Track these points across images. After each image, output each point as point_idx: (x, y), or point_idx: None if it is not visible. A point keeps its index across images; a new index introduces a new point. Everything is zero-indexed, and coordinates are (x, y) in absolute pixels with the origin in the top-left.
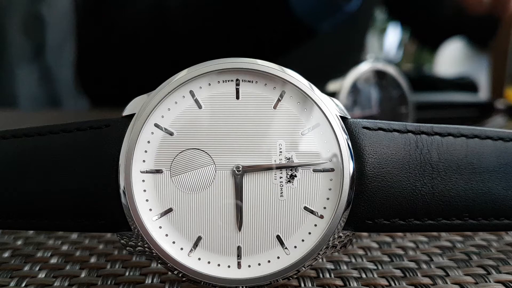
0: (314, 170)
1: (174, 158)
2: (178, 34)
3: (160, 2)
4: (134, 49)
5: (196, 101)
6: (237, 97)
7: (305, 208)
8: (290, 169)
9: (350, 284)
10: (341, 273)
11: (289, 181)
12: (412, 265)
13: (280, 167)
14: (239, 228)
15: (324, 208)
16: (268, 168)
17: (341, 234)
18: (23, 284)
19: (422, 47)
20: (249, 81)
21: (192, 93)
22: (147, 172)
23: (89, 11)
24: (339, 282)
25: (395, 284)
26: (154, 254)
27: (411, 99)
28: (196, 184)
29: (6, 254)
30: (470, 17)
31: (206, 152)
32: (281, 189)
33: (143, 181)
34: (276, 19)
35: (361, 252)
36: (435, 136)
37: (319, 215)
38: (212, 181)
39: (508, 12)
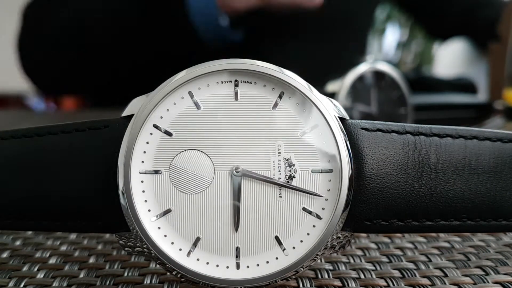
0: (313, 171)
1: (173, 159)
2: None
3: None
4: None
5: (195, 102)
6: (236, 98)
7: (304, 209)
8: (288, 169)
9: (348, 285)
10: (340, 274)
11: (288, 182)
12: (411, 265)
13: (280, 185)
14: (237, 229)
15: (323, 209)
16: (268, 181)
17: (339, 235)
18: (22, 284)
19: (428, 38)
20: (248, 82)
21: (191, 94)
22: (146, 173)
23: None
24: (337, 283)
25: (393, 284)
26: (153, 254)
27: (410, 100)
28: (195, 185)
29: (5, 255)
30: (480, 18)
31: (205, 153)
32: (280, 190)
33: (142, 181)
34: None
35: (359, 252)
36: (434, 137)
37: (317, 216)
38: (211, 182)
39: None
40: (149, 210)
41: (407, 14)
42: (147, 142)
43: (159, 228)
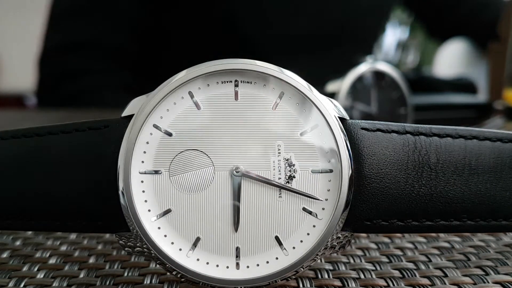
0: (313, 171)
1: (173, 159)
2: None
3: None
4: None
5: (195, 102)
6: (236, 98)
7: (304, 209)
8: (288, 169)
9: (348, 285)
10: (340, 274)
11: (288, 182)
12: (411, 265)
13: (279, 187)
14: (237, 229)
15: (323, 209)
16: (268, 183)
17: (339, 235)
18: (22, 284)
19: (428, 37)
20: (247, 82)
21: (191, 94)
22: (146, 173)
23: None
24: (337, 283)
25: (393, 284)
26: (153, 254)
27: (410, 100)
28: (195, 185)
29: (5, 255)
30: (480, 19)
31: (205, 153)
32: (280, 190)
33: (142, 182)
34: None
35: (359, 252)
36: (434, 137)
37: (317, 216)
38: (211, 182)
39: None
40: (149, 210)
41: (409, 12)
42: (147, 142)
43: (159, 228)
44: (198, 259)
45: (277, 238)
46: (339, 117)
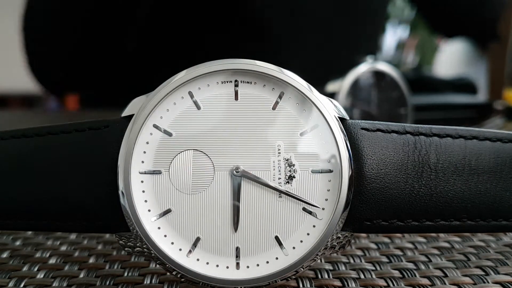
0: (313, 171)
1: (173, 159)
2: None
3: None
4: None
5: (195, 102)
6: (236, 98)
7: (304, 209)
8: (288, 169)
9: (348, 285)
10: (340, 274)
11: (288, 182)
12: (411, 265)
13: (279, 191)
14: (237, 229)
15: (323, 209)
16: (267, 185)
17: (339, 235)
18: (22, 285)
19: (432, 33)
20: (248, 82)
21: (191, 94)
22: (146, 173)
23: None
24: (337, 283)
25: (393, 284)
26: (153, 254)
27: (410, 100)
28: (195, 185)
29: (5, 255)
30: (482, 18)
31: (204, 153)
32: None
33: (142, 182)
34: None
35: (359, 252)
36: (434, 137)
37: (317, 216)
38: (211, 182)
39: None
40: (149, 210)
41: (412, 5)
42: (147, 142)
43: (159, 228)
44: (198, 259)
45: (277, 238)
46: (339, 117)
